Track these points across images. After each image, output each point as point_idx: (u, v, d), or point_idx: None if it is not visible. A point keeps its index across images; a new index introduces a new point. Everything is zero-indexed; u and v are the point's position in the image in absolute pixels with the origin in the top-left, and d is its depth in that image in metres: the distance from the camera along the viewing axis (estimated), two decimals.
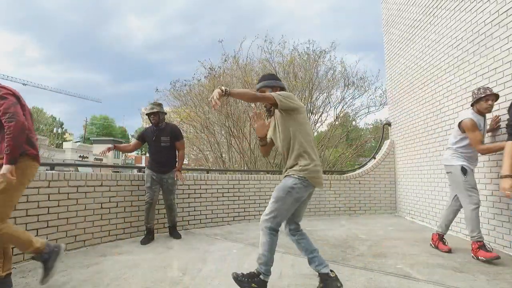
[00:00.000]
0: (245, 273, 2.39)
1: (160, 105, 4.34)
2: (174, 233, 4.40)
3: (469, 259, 3.29)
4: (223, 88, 2.18)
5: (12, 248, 3.07)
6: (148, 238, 4.12)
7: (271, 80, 2.64)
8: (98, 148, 43.61)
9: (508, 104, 3.58)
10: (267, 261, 2.37)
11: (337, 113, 11.33)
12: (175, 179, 4.35)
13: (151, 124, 4.37)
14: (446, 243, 3.70)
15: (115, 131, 66.80)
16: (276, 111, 2.51)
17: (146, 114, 4.35)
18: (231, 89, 2.21)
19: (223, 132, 10.42)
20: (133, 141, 4.44)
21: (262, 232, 2.41)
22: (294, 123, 2.44)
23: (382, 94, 11.48)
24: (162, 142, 4.25)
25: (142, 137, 4.38)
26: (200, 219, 5.08)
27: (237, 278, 2.36)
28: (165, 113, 4.40)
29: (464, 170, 3.43)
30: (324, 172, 6.76)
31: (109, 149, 4.14)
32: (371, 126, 17.19)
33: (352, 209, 6.38)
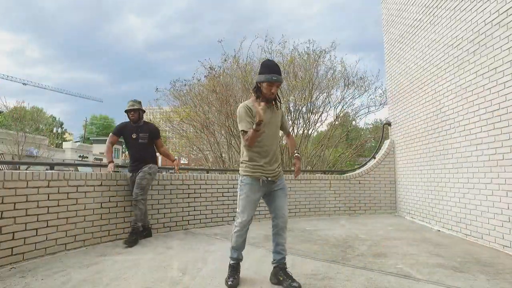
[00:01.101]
0: (285, 277, 2.56)
1: (139, 102, 4.31)
2: (127, 238, 3.93)
3: (469, 259, 3.29)
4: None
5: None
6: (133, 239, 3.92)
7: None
8: (98, 148, 43.60)
9: (508, 103, 3.59)
10: None
11: (337, 113, 11.32)
12: (175, 170, 4.56)
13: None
14: None
15: None
16: (279, 118, 2.76)
17: (125, 111, 4.25)
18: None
19: (223, 131, 10.41)
20: (109, 138, 4.31)
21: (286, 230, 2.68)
22: None
23: (382, 94, 11.48)
24: (140, 138, 4.20)
25: (120, 132, 4.27)
26: (200, 219, 5.07)
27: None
28: (144, 111, 4.37)
29: None
30: (324, 172, 6.76)
31: (113, 168, 4.17)
32: (371, 126, 17.20)
33: (352, 209, 6.37)
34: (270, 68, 2.58)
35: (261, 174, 2.62)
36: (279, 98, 2.73)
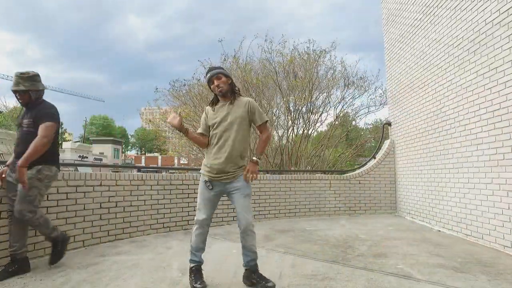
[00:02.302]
0: (259, 279, 2.51)
1: (30, 78, 2.96)
2: (51, 257, 3.02)
3: (470, 259, 3.28)
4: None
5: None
6: (7, 271, 2.74)
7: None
8: (97, 148, 43.64)
9: (509, 103, 3.58)
10: None
11: (337, 113, 11.31)
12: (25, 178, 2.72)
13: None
14: None
15: (115, 131, 66.84)
16: (241, 109, 2.61)
17: (12, 91, 2.98)
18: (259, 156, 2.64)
19: None
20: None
21: (253, 231, 2.58)
22: (249, 130, 2.73)
23: (382, 94, 11.47)
24: (23, 126, 2.95)
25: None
26: None
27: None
28: (41, 90, 3.02)
29: None
30: (324, 172, 6.76)
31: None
32: (371, 126, 17.18)
33: (352, 209, 6.36)
34: (207, 72, 2.68)
35: (207, 175, 2.58)
36: (237, 91, 2.69)
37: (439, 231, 4.81)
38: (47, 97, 3.14)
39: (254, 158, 2.58)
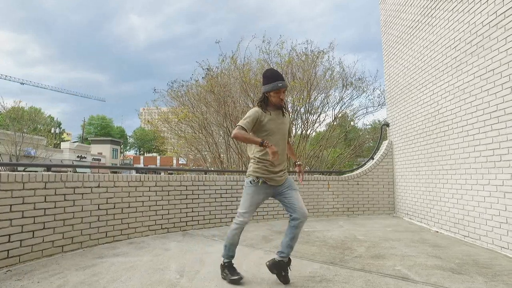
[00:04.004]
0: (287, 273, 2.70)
1: None
2: None
3: (467, 261, 3.29)
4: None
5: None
6: None
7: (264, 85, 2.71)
8: (96, 148, 43.56)
9: (506, 105, 3.59)
10: None
11: (336, 113, 11.33)
12: None
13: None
14: None
15: (113, 131, 66.73)
16: (288, 122, 2.83)
17: None
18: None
19: (221, 132, 10.39)
20: None
21: None
22: None
23: (381, 94, 11.51)
24: None
25: None
26: (198, 220, 5.06)
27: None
28: None
29: None
30: (323, 173, 6.76)
31: None
32: (370, 127, 17.21)
33: (350, 209, 6.37)
34: (274, 76, 2.65)
35: (266, 176, 2.69)
36: (286, 105, 2.82)
37: (437, 232, 4.82)
38: (48, 97, 3.18)
39: (298, 162, 3.02)
